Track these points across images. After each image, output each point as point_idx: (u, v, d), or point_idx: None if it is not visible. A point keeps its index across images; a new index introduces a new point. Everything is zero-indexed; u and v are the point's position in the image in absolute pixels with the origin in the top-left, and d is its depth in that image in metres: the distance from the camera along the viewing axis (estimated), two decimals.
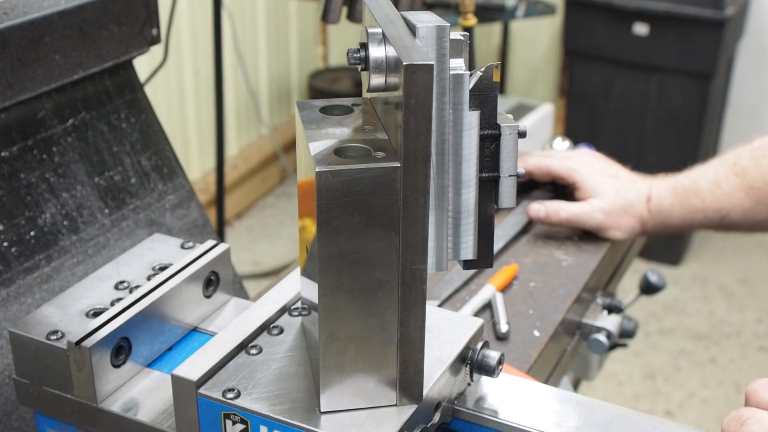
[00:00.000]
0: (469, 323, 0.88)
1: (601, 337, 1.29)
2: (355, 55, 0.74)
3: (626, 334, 1.34)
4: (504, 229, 1.39)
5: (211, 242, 1.00)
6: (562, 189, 1.45)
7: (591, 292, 1.33)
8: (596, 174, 1.39)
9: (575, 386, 1.60)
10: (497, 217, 1.34)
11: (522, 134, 0.77)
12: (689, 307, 3.40)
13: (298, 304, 0.91)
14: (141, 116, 1.29)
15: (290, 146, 4.04)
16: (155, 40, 1.28)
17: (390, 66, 0.72)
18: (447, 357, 0.84)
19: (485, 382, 0.90)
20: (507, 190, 0.78)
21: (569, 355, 1.27)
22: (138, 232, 1.23)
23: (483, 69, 0.75)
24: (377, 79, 0.73)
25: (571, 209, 1.38)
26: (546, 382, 1.18)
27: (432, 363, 0.82)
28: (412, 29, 0.73)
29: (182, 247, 1.03)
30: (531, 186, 1.50)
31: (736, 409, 0.82)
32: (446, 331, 0.87)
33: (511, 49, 4.15)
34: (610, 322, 1.30)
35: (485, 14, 3.00)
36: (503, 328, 1.16)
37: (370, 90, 0.74)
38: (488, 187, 0.77)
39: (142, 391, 0.89)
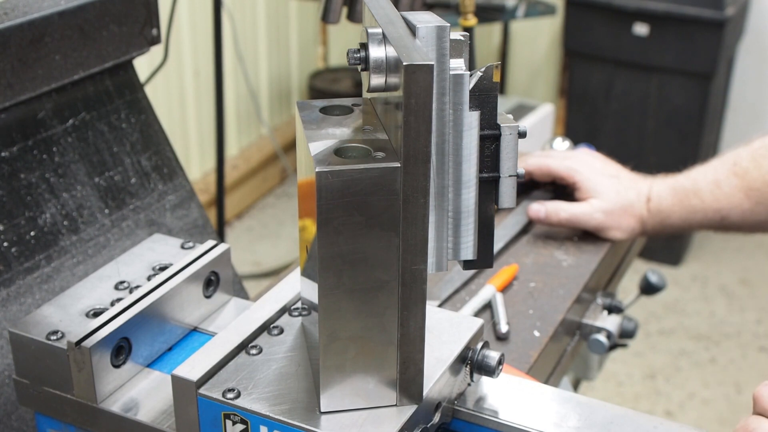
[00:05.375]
0: (469, 323, 0.88)
1: (601, 338, 1.29)
2: (355, 55, 0.74)
3: (626, 334, 1.34)
4: (504, 230, 1.39)
5: (211, 242, 1.00)
6: (562, 189, 1.45)
7: (591, 293, 1.33)
8: (596, 174, 1.39)
9: (575, 386, 1.60)
10: (497, 217, 1.34)
11: (522, 134, 0.77)
12: (689, 307, 3.40)
13: (298, 305, 0.91)
14: (141, 116, 1.29)
15: (290, 146, 4.04)
16: (155, 40, 1.28)
17: (390, 66, 0.72)
18: (447, 357, 0.84)
19: (485, 383, 0.90)
20: (507, 191, 0.78)
21: (569, 355, 1.27)
22: (138, 233, 1.23)
23: (483, 69, 0.75)
24: (377, 80, 0.73)
25: (572, 209, 1.38)
26: (546, 382, 1.18)
27: (432, 363, 0.82)
28: (412, 29, 0.73)
29: (182, 247, 1.03)
30: (531, 186, 1.50)
31: (746, 418, 0.82)
32: (446, 331, 0.87)
33: (511, 49, 4.15)
34: (611, 323, 1.30)
35: (485, 14, 3.00)
36: (503, 328, 1.16)
37: (370, 90, 0.74)
38: (488, 187, 0.77)
39: (142, 391, 0.89)
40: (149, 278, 0.97)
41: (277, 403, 0.78)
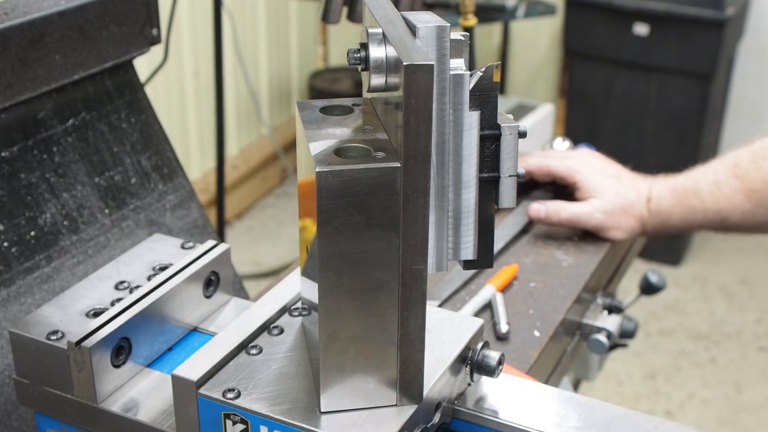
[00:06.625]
0: (469, 323, 0.88)
1: (602, 338, 1.29)
2: (355, 55, 0.74)
3: (626, 334, 1.34)
4: (504, 229, 1.39)
5: (211, 242, 1.00)
6: (562, 189, 1.45)
7: (591, 293, 1.33)
8: (596, 174, 1.39)
9: (575, 386, 1.60)
10: (497, 217, 1.34)
11: (522, 134, 0.77)
12: (689, 307, 3.40)
13: (299, 305, 0.91)
14: (141, 116, 1.29)
15: (290, 146, 4.04)
16: (155, 40, 1.28)
17: (390, 66, 0.72)
18: (447, 357, 0.84)
19: (485, 383, 0.90)
20: (507, 191, 0.78)
21: (569, 355, 1.27)
22: (138, 232, 1.23)
23: (483, 69, 0.75)
24: (377, 80, 0.73)
25: (572, 209, 1.38)
26: (546, 382, 1.18)
27: (432, 363, 0.82)
28: (412, 29, 0.73)
29: (182, 247, 1.03)
30: (531, 186, 1.50)
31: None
32: (446, 332, 0.87)
33: (512, 49, 4.15)
34: (611, 323, 1.30)
35: (485, 14, 3.00)
36: (503, 328, 1.16)
37: (370, 90, 0.74)
38: (488, 187, 0.77)
39: (142, 391, 0.89)
40: (149, 278, 0.97)
41: (277, 403, 0.78)
